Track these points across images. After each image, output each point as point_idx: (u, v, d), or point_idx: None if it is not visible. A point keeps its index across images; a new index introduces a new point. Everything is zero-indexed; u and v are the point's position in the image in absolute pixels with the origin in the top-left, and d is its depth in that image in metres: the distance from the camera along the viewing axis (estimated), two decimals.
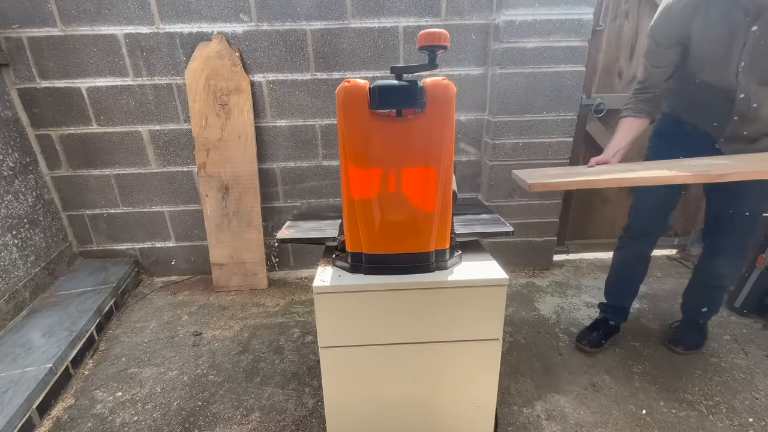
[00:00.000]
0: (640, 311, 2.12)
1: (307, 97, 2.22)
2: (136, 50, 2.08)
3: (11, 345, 1.73)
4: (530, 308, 2.16)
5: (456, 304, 1.07)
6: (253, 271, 2.38)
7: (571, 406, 1.53)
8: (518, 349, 1.85)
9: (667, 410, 1.51)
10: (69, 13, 1.99)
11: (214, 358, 1.83)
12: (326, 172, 2.38)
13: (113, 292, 2.17)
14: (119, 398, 1.62)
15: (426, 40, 0.92)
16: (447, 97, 0.94)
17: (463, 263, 1.13)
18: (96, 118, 2.19)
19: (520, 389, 1.62)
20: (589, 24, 2.05)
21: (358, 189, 0.99)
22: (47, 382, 1.57)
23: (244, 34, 2.09)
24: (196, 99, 2.13)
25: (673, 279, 2.44)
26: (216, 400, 1.60)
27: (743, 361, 1.75)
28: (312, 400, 1.59)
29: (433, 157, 0.97)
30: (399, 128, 0.95)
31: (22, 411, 1.43)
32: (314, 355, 1.83)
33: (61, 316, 1.92)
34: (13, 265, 1.98)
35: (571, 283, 2.41)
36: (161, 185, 2.35)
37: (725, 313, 2.08)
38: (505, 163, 2.28)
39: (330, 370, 1.13)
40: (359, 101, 0.93)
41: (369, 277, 1.06)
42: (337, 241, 1.15)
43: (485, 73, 2.23)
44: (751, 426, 1.44)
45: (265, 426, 1.48)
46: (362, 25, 2.10)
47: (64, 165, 2.27)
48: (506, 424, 1.46)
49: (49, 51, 2.05)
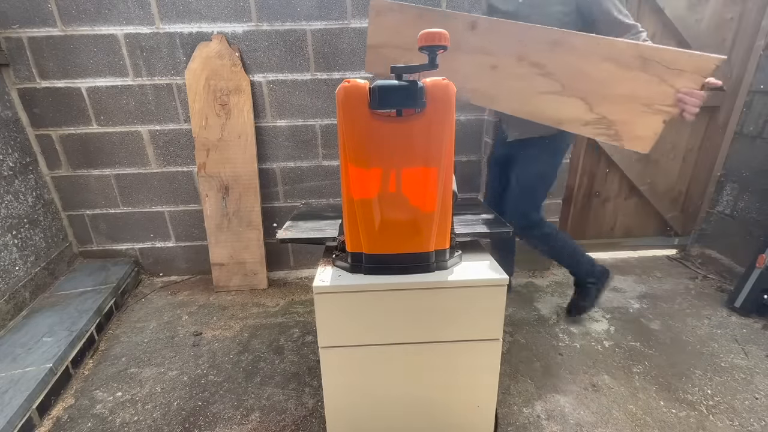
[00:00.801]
0: (640, 311, 2.12)
1: (307, 97, 2.22)
2: (136, 50, 2.08)
3: (11, 345, 1.73)
4: (530, 308, 2.16)
5: (456, 304, 1.07)
6: (253, 271, 2.38)
7: (571, 406, 1.53)
8: (518, 349, 1.85)
9: (667, 410, 1.51)
10: (69, 13, 1.99)
11: (214, 358, 1.83)
12: (326, 172, 2.38)
13: (113, 292, 2.17)
14: (119, 398, 1.62)
15: (426, 40, 0.92)
16: (447, 97, 0.94)
17: (463, 263, 1.13)
18: (96, 118, 2.19)
19: (520, 389, 1.62)
20: None
21: (358, 189, 0.99)
22: (47, 382, 1.57)
23: (244, 34, 2.09)
24: (196, 99, 2.13)
25: (673, 279, 2.44)
26: (216, 400, 1.60)
27: (743, 361, 1.75)
28: (312, 400, 1.59)
29: (433, 157, 0.97)
30: (399, 128, 0.95)
31: (22, 411, 1.43)
32: (314, 355, 1.83)
33: (61, 316, 1.92)
34: (13, 265, 1.98)
35: (571, 283, 2.40)
36: (161, 185, 2.35)
37: (725, 313, 2.08)
38: None
39: (330, 370, 1.13)
40: (359, 101, 0.93)
41: (369, 277, 1.06)
42: (337, 241, 1.15)
43: None
44: (751, 426, 1.44)
45: (265, 426, 1.48)
46: (362, 25, 2.10)
47: (64, 165, 2.27)
48: (506, 424, 1.46)
49: (49, 51, 2.05)
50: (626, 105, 1.31)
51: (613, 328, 1.99)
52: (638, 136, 1.32)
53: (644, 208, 2.66)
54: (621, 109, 1.31)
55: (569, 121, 1.39)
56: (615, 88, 1.31)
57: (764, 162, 2.28)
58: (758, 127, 2.31)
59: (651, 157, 2.53)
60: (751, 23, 2.25)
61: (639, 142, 1.33)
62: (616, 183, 2.59)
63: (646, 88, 1.28)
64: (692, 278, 2.44)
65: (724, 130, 2.46)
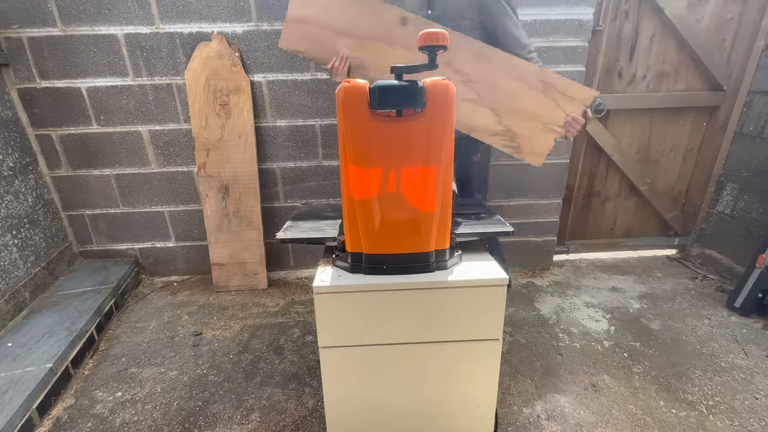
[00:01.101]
0: (640, 311, 2.12)
1: (307, 97, 2.21)
2: (136, 50, 2.08)
3: (11, 345, 1.73)
4: (530, 308, 2.16)
5: (456, 304, 1.07)
6: (253, 271, 2.37)
7: (571, 406, 1.53)
8: (518, 349, 1.85)
9: (667, 410, 1.51)
10: (69, 13, 1.99)
11: (214, 358, 1.83)
12: (326, 172, 2.38)
13: (113, 292, 2.17)
14: (119, 398, 1.62)
15: (426, 40, 0.92)
16: (447, 97, 0.94)
17: (463, 263, 1.13)
18: (96, 118, 2.19)
19: (520, 389, 1.62)
20: (589, 24, 2.05)
21: (358, 189, 0.99)
22: (47, 382, 1.57)
23: (244, 34, 2.08)
24: (196, 99, 2.13)
25: (673, 279, 2.44)
26: (216, 400, 1.60)
27: (743, 361, 1.75)
28: (312, 400, 1.59)
29: (432, 157, 0.97)
30: (399, 128, 0.95)
31: (22, 411, 1.43)
32: (314, 355, 1.83)
33: (61, 316, 1.92)
34: (13, 265, 1.98)
35: (571, 283, 2.41)
36: (161, 185, 2.35)
37: (725, 313, 2.08)
38: (505, 163, 2.28)
39: (330, 370, 1.13)
40: (359, 101, 0.93)
41: (369, 277, 1.06)
42: (337, 241, 1.15)
43: None
44: (751, 426, 1.44)
45: (265, 426, 1.48)
46: None
47: (64, 165, 2.27)
48: (506, 424, 1.46)
49: (49, 51, 2.05)
50: (529, 122, 1.44)
51: (613, 328, 1.99)
52: (535, 152, 1.47)
53: (644, 208, 2.66)
54: (525, 125, 1.44)
55: (479, 129, 1.47)
56: (522, 105, 1.43)
57: (764, 162, 2.28)
58: (758, 127, 2.31)
59: (651, 157, 2.53)
60: (751, 23, 2.25)
61: (535, 157, 1.47)
62: (616, 183, 2.59)
63: (545, 109, 1.42)
64: (692, 278, 2.44)
65: (724, 130, 2.46)
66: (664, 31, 2.25)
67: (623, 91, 2.36)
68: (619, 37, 2.26)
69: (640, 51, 2.28)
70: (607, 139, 2.45)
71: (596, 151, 2.50)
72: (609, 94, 2.35)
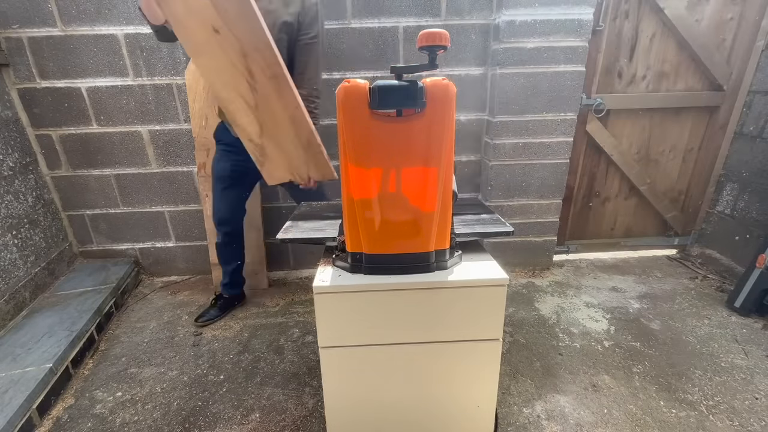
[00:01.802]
0: (640, 311, 2.12)
1: None
2: (136, 50, 2.08)
3: (11, 345, 1.73)
4: (530, 308, 2.16)
5: (456, 304, 1.07)
6: (253, 271, 2.37)
7: (571, 406, 1.54)
8: (518, 349, 1.85)
9: (667, 410, 1.51)
10: (69, 13, 1.99)
11: (214, 358, 1.83)
12: None
13: (113, 292, 2.17)
14: (119, 398, 1.62)
15: (426, 40, 0.92)
16: (447, 97, 0.94)
17: (463, 263, 1.13)
18: (96, 118, 2.19)
19: (520, 389, 1.62)
20: (589, 24, 2.05)
21: (358, 189, 0.99)
22: (47, 382, 1.57)
23: None
24: (196, 99, 2.13)
25: (673, 279, 2.44)
26: (216, 400, 1.60)
27: (743, 361, 1.75)
28: (312, 400, 1.59)
29: (432, 157, 0.97)
30: (399, 128, 0.95)
31: (22, 411, 1.43)
32: (314, 355, 1.83)
33: (61, 316, 1.92)
34: (13, 265, 1.98)
35: (571, 283, 2.41)
36: (161, 185, 2.35)
37: (725, 313, 2.08)
38: (505, 163, 2.28)
39: (330, 370, 1.13)
40: (359, 101, 0.93)
41: (369, 277, 1.06)
42: (337, 241, 1.15)
43: (485, 73, 2.23)
44: (751, 426, 1.44)
45: (265, 426, 1.48)
46: (362, 25, 2.10)
47: (64, 165, 2.27)
48: (506, 424, 1.46)
49: (49, 51, 2.05)
50: (283, 155, 1.55)
51: (613, 328, 1.99)
52: (273, 176, 1.61)
53: (644, 208, 2.66)
54: (277, 152, 1.54)
55: (243, 132, 1.50)
56: (283, 142, 1.52)
57: (764, 162, 2.28)
58: (758, 127, 2.31)
59: (651, 157, 2.53)
60: (751, 23, 2.25)
61: (271, 179, 1.61)
62: (616, 183, 2.59)
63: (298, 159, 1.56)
64: (692, 278, 2.44)
65: (724, 130, 2.46)
66: (664, 31, 2.25)
67: (623, 91, 2.36)
68: (619, 37, 2.26)
69: (640, 51, 2.28)
70: (607, 139, 2.45)
71: (596, 151, 2.50)
72: (609, 94, 2.35)
